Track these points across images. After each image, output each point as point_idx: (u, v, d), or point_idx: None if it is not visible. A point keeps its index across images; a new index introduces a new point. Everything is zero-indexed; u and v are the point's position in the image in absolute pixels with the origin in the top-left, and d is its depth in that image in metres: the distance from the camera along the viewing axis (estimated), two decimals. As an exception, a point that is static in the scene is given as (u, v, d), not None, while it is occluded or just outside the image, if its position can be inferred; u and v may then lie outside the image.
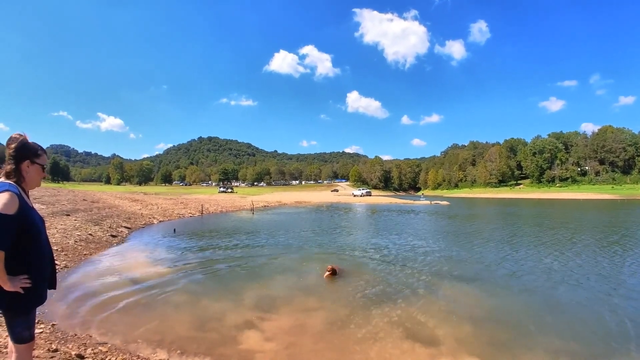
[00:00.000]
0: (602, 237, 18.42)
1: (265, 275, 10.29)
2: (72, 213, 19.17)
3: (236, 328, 6.28)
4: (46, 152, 3.20)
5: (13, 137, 2.98)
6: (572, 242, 16.78)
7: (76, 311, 6.84)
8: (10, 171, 2.93)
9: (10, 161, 2.94)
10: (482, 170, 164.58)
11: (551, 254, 13.66)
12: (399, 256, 13.19)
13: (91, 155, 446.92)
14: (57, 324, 6.02)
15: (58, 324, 6.01)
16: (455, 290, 8.87)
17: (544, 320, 6.93)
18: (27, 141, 3.04)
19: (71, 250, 11.95)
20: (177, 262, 11.74)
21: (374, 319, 6.77)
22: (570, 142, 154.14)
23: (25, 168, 2.99)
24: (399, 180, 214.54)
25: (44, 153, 3.15)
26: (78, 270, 10.20)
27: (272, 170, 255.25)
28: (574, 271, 10.92)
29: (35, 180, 3.10)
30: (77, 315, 6.62)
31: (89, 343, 5.42)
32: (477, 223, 28.28)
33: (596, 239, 18.03)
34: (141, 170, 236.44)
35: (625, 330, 6.48)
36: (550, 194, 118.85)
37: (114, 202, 30.03)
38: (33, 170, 3.05)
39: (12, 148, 2.96)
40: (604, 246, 15.34)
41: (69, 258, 11.07)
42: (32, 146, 3.05)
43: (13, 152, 2.94)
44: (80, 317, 6.56)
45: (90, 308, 7.06)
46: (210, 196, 66.34)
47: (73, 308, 7.00)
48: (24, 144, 3.00)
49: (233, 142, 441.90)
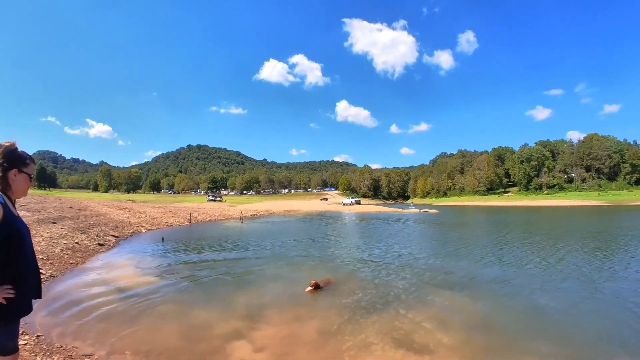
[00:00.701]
0: (588, 243, 18.56)
1: (254, 285, 10.19)
2: (59, 221, 18.92)
3: (225, 338, 6.19)
4: (34, 162, 3.13)
5: (1, 145, 2.91)
6: (560, 248, 16.88)
7: (62, 322, 6.70)
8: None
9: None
10: (470, 179, 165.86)
11: (539, 261, 13.76)
12: (388, 265, 13.16)
13: (79, 162, 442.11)
14: (42, 335, 5.88)
15: (43, 335, 5.87)
16: (446, 298, 8.85)
17: (535, 325, 6.98)
18: (16, 149, 2.96)
19: (57, 259, 11.76)
20: (165, 271, 11.61)
21: (365, 328, 6.72)
22: (557, 149, 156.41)
23: (12, 177, 2.91)
24: (387, 189, 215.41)
25: (32, 162, 3.07)
26: (64, 279, 10.03)
27: (262, 179, 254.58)
28: (563, 277, 11.00)
29: (21, 189, 3.02)
30: (62, 326, 6.48)
31: (75, 355, 5.30)
32: (466, 231, 28.41)
33: (583, 245, 18.17)
34: (129, 178, 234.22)
35: (613, 333, 6.57)
36: (538, 201, 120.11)
37: (102, 210, 29.75)
38: (20, 179, 2.97)
39: (0, 156, 2.87)
40: (590, 252, 15.44)
41: (55, 267, 10.89)
42: (20, 155, 2.98)
43: (0, 160, 2.86)
44: (65, 327, 6.42)
45: (76, 318, 6.92)
46: (199, 204, 66.00)
47: (58, 318, 6.86)
48: (12, 152, 2.92)
49: (222, 151, 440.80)
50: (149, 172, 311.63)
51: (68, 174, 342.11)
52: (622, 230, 25.23)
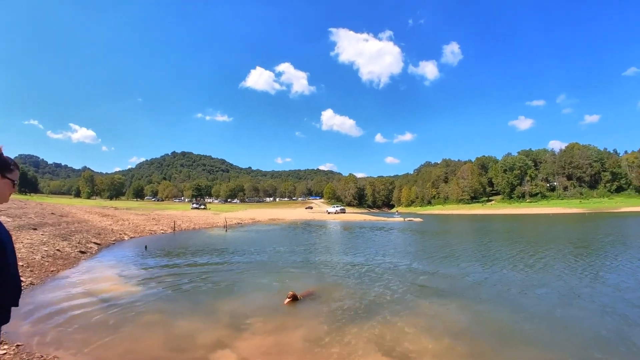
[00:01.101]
0: (569, 250, 18.79)
1: (239, 294, 10.14)
2: (40, 227, 18.62)
3: (209, 348, 6.14)
4: (19, 168, 3.06)
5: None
6: (542, 255, 17.11)
7: (42, 331, 6.59)
8: None
9: None
10: (454, 187, 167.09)
11: (522, 268, 13.93)
12: (373, 273, 13.21)
13: (61, 167, 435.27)
14: (22, 344, 5.77)
15: (23, 345, 5.77)
16: (431, 305, 8.90)
17: (518, 331, 7.11)
18: (1, 154, 2.82)
19: (37, 266, 11.56)
20: (148, 280, 11.48)
21: (351, 337, 6.72)
22: (539, 159, 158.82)
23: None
24: (372, 198, 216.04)
25: (17, 168, 2.96)
26: (44, 287, 9.87)
27: (246, 187, 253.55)
28: (544, 283, 11.17)
29: (3, 195, 2.89)
30: (43, 335, 6.37)
31: (55, 365, 5.23)
32: (450, 239, 28.62)
33: (564, 252, 18.45)
34: (112, 184, 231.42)
35: (593, 338, 6.71)
36: (521, 209, 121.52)
37: (84, 217, 29.38)
38: (2, 184, 2.85)
39: None
40: (571, 259, 15.62)
41: (35, 274, 10.71)
42: (5, 160, 2.83)
43: None
44: (46, 337, 6.32)
45: (57, 327, 6.82)
46: (182, 212, 65.50)
47: (39, 327, 6.75)
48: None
49: (207, 158, 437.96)
50: (133, 179, 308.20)
51: (50, 179, 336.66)
52: (602, 237, 25.68)
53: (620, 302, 9.04)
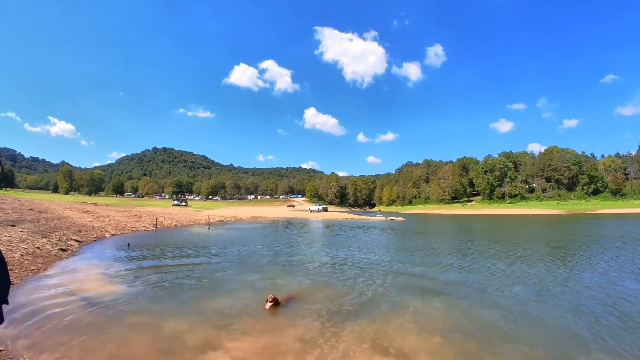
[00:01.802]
0: (547, 250, 19.12)
1: (226, 292, 10.01)
2: (18, 223, 18.17)
3: (201, 349, 6.03)
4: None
5: None
6: (522, 255, 17.34)
7: (25, 333, 6.39)
8: None
9: None
10: (435, 188, 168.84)
11: (502, 266, 14.11)
12: (357, 272, 13.23)
13: (38, 161, 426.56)
14: (3, 349, 5.59)
15: (5, 350, 5.58)
16: (419, 304, 8.93)
17: (509, 329, 7.21)
18: None
19: (17, 265, 11.26)
20: (133, 279, 11.26)
21: (343, 336, 6.70)
22: (519, 161, 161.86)
23: None
24: (354, 197, 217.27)
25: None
26: (25, 287, 9.60)
27: (228, 184, 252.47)
28: (529, 282, 11.35)
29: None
30: (26, 338, 6.17)
31: (42, 369, 5.07)
32: (432, 238, 28.90)
33: (543, 251, 18.82)
34: (92, 180, 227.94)
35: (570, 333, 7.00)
36: (500, 209, 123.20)
37: (64, 213, 28.78)
38: None
39: None
40: (549, 258, 15.86)
41: (15, 274, 10.41)
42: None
43: None
44: (30, 339, 6.12)
45: (40, 330, 6.62)
46: (164, 209, 64.69)
47: (21, 330, 6.54)
48: None
49: (188, 154, 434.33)
50: (112, 174, 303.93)
51: (27, 173, 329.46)
52: (579, 238, 26.20)
53: (592, 301, 9.38)
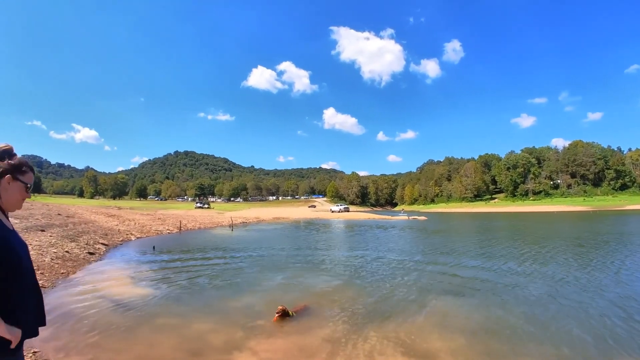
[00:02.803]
0: (579, 248, 18.65)
1: (251, 294, 10.06)
2: (47, 228, 18.59)
3: (226, 350, 6.08)
4: (33, 171, 2.81)
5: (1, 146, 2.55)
6: (551, 254, 16.96)
7: (57, 335, 6.51)
8: None
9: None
10: (457, 185, 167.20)
11: (532, 266, 13.81)
12: (380, 272, 13.17)
13: (64, 167, 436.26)
14: (38, 351, 5.71)
15: (40, 351, 5.71)
16: (442, 304, 8.84)
17: (535, 329, 7.05)
18: (12, 153, 2.60)
19: (47, 269, 11.51)
20: (159, 281, 11.41)
21: (367, 337, 6.66)
22: (543, 156, 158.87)
23: (4, 184, 2.50)
24: (375, 196, 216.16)
25: (31, 170, 2.60)
26: (55, 290, 9.81)
27: (249, 186, 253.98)
28: (556, 281, 11.08)
29: (15, 199, 2.60)
30: (58, 340, 6.29)
31: (74, 372, 5.18)
32: (455, 237, 28.57)
33: (573, 249, 18.33)
34: (116, 184, 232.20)
35: (612, 335, 6.67)
36: (524, 207, 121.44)
37: (90, 217, 29.34)
38: (14, 188, 2.56)
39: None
40: (579, 257, 15.52)
41: (46, 277, 10.65)
42: (17, 160, 2.58)
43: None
44: (61, 342, 6.24)
45: (71, 332, 6.76)
46: (187, 212, 65.44)
47: (53, 332, 6.66)
48: (6, 156, 2.54)
49: (210, 157, 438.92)
50: (136, 178, 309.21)
51: (53, 179, 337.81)
52: (608, 236, 25.51)
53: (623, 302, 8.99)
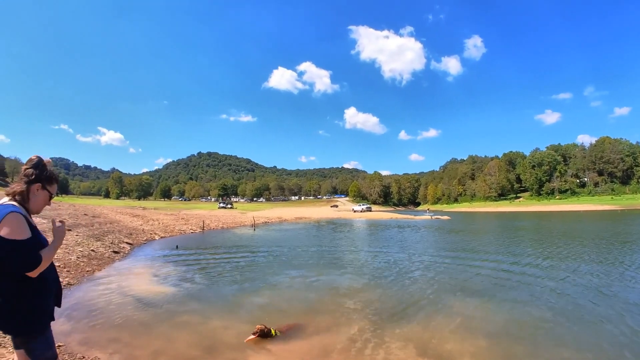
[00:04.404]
0: (606, 250, 18.17)
1: (272, 294, 10.12)
2: (74, 228, 18.98)
3: (242, 350, 6.09)
4: (58, 182, 3.16)
5: (32, 158, 2.94)
6: (580, 255, 16.55)
7: (81, 330, 6.68)
8: (17, 191, 2.86)
9: (21, 181, 2.89)
10: (481, 184, 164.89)
11: (558, 267, 13.48)
12: (400, 272, 13.10)
13: (90, 169, 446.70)
14: (63, 344, 5.85)
15: (64, 345, 5.85)
16: (466, 306, 8.71)
17: (557, 333, 6.88)
18: (45, 165, 3.00)
19: (73, 267, 11.77)
20: (181, 280, 11.56)
21: (386, 338, 6.60)
22: (569, 154, 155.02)
23: (34, 191, 2.93)
24: (398, 196, 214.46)
25: (57, 182, 3.14)
26: (81, 287, 10.04)
27: (272, 186, 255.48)
28: (583, 284, 10.76)
29: (39, 205, 3.03)
30: (82, 335, 6.44)
31: (97, 366, 5.24)
32: (480, 237, 28.12)
33: (601, 251, 17.80)
34: (140, 185, 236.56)
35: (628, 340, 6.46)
36: (550, 206, 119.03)
37: (115, 217, 29.85)
38: (41, 195, 3.00)
39: (29, 168, 2.91)
40: (609, 259, 15.09)
41: (72, 275, 10.89)
42: (48, 172, 3.02)
43: (29, 172, 2.90)
44: (85, 336, 6.38)
45: (95, 327, 6.91)
46: (210, 212, 66.01)
47: (77, 327, 6.84)
48: (40, 166, 2.95)
49: (232, 158, 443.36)
50: (160, 179, 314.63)
51: (80, 180, 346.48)
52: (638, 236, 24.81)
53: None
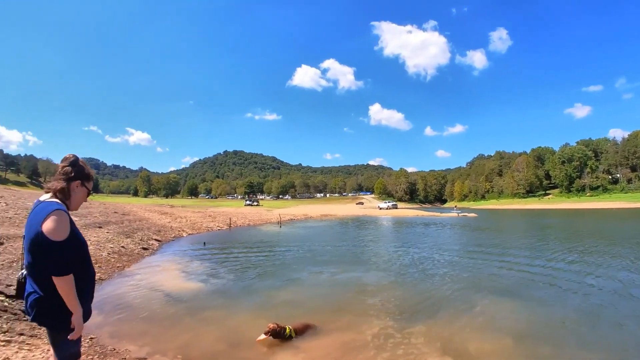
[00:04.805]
0: (638, 249, 17.66)
1: (298, 291, 10.18)
2: (104, 225, 19.44)
3: (268, 345, 6.12)
4: (94, 179, 3.22)
5: (68, 157, 3.00)
6: (610, 255, 16.05)
7: (112, 323, 6.86)
8: (58, 189, 2.90)
9: (61, 178, 2.93)
10: (509, 181, 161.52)
11: (589, 268, 13.07)
12: (425, 270, 13.01)
13: (119, 169, 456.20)
14: (95, 337, 6.01)
15: (96, 337, 6.00)
16: (493, 306, 8.53)
17: (586, 335, 6.70)
18: (82, 163, 3.07)
19: (104, 263, 12.07)
20: (208, 275, 11.74)
21: (409, 335, 6.56)
22: (600, 149, 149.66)
23: (74, 188, 2.98)
24: (424, 193, 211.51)
25: (92, 180, 3.20)
26: (112, 282, 10.30)
27: (297, 183, 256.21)
28: (610, 285, 10.44)
29: (78, 202, 3.09)
30: (113, 328, 6.62)
31: (128, 358, 5.37)
32: (508, 235, 27.60)
33: (633, 251, 17.18)
34: (168, 183, 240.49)
35: None
36: (580, 203, 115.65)
37: (144, 215, 30.40)
38: (80, 192, 3.06)
39: (67, 166, 2.96)
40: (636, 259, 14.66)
41: (103, 270, 11.17)
42: (86, 169, 3.08)
43: (67, 170, 2.95)
44: (116, 330, 6.55)
45: (125, 321, 7.09)
46: (236, 209, 66.59)
47: (108, 320, 7.03)
48: (78, 164, 3.01)
49: (258, 156, 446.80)
50: (187, 178, 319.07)
51: (109, 179, 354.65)
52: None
53: None
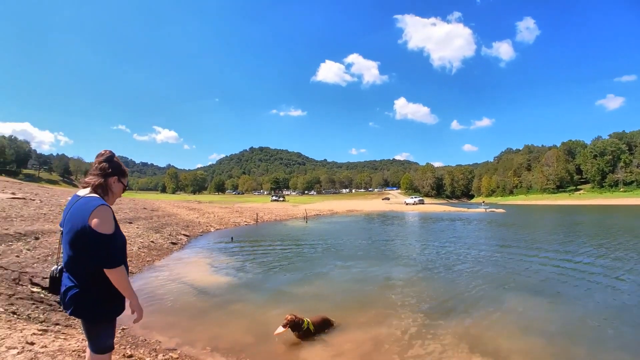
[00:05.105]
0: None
1: (326, 285, 10.20)
2: (134, 221, 19.81)
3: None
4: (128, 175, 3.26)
5: (104, 152, 3.04)
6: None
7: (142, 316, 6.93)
8: (98, 185, 2.93)
9: (98, 174, 2.96)
10: (538, 176, 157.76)
11: (624, 266, 12.67)
12: (454, 265, 12.86)
13: (148, 166, 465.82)
14: (126, 328, 6.13)
15: (128, 328, 6.12)
16: (523, 303, 8.35)
17: (620, 335, 6.50)
18: (121, 164, 3.11)
19: (135, 257, 12.33)
20: (235, 269, 11.89)
21: (436, 332, 6.48)
22: (634, 142, 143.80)
23: (112, 183, 3.02)
24: (451, 188, 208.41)
25: (128, 176, 3.24)
26: (142, 276, 10.52)
27: (323, 179, 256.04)
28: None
29: (115, 197, 3.13)
30: (143, 320, 6.63)
31: (159, 349, 5.47)
32: (538, 232, 26.83)
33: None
34: (195, 180, 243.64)
35: None
36: (613, 199, 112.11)
37: (172, 211, 30.84)
38: (117, 188, 3.09)
39: (104, 162, 2.99)
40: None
41: (133, 264, 11.41)
42: (122, 165, 3.12)
43: (105, 166, 2.99)
44: (146, 321, 6.58)
45: (154, 312, 7.24)
46: (263, 205, 67.16)
47: (140, 313, 7.12)
48: (114, 160, 3.05)
49: (283, 152, 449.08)
50: (214, 174, 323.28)
51: (138, 177, 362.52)
52: None
53: None
